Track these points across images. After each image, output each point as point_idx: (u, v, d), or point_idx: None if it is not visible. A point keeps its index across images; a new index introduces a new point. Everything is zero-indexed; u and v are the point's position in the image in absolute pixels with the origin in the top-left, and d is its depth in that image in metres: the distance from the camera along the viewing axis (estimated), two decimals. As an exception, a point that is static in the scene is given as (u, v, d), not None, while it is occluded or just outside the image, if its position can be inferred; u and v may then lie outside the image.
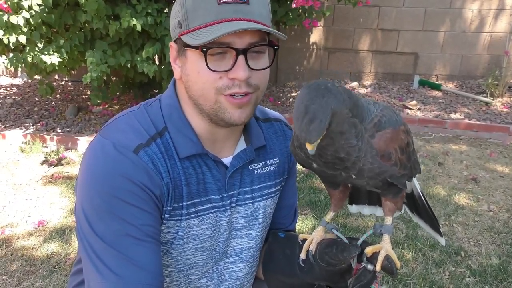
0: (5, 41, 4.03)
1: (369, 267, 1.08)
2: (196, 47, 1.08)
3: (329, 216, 1.24)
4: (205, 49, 1.07)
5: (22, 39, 4.06)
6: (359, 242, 1.15)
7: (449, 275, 2.75)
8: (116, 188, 1.09)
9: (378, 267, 1.06)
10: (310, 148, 0.92)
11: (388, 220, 1.13)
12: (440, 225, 3.25)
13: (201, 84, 1.11)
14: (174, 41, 1.18)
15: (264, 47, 1.13)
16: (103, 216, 1.09)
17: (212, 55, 1.08)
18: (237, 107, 1.12)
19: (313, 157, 1.02)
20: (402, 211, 1.32)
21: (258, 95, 1.17)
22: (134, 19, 4.04)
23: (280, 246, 1.37)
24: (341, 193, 1.22)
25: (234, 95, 1.11)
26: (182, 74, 1.17)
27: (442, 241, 1.39)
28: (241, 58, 1.08)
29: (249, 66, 1.09)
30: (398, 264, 1.08)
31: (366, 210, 1.37)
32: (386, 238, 1.10)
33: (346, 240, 1.17)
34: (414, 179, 1.24)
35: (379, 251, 1.08)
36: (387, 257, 1.06)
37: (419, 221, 1.36)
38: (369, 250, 1.10)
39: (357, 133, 0.98)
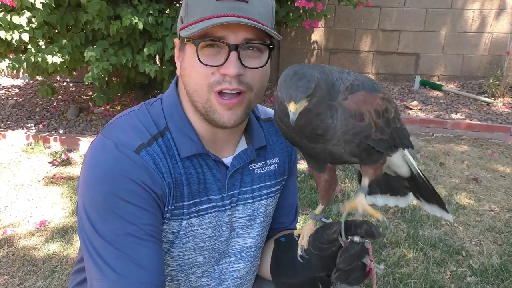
0: (9, 38, 4.05)
1: (355, 239, 1.07)
2: (189, 40, 1.09)
3: (318, 209, 1.23)
4: (196, 42, 1.08)
5: (25, 37, 4.09)
6: (342, 219, 1.13)
7: (450, 275, 2.75)
8: (118, 187, 1.09)
9: (360, 212, 1.07)
10: (293, 109, 0.91)
11: (366, 181, 1.13)
12: (437, 221, 3.25)
13: (195, 79, 1.12)
14: (179, 37, 1.19)
15: (263, 47, 1.13)
16: (105, 215, 1.10)
17: (207, 50, 1.09)
18: (226, 109, 1.12)
19: (293, 130, 1.02)
20: (403, 205, 1.31)
21: (251, 97, 1.15)
22: (135, 17, 4.06)
23: (283, 250, 1.38)
24: (327, 182, 1.20)
25: (224, 94, 1.10)
26: (181, 69, 1.18)
27: (450, 217, 1.36)
28: (233, 54, 1.08)
29: (242, 64, 1.09)
30: (379, 215, 1.07)
31: (379, 200, 1.35)
32: (361, 195, 1.10)
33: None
34: (408, 154, 1.23)
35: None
36: (367, 222, 1.06)
37: (426, 205, 1.33)
38: (346, 208, 1.09)
39: (332, 114, 1.00)
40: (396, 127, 1.12)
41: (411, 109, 5.70)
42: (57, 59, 4.15)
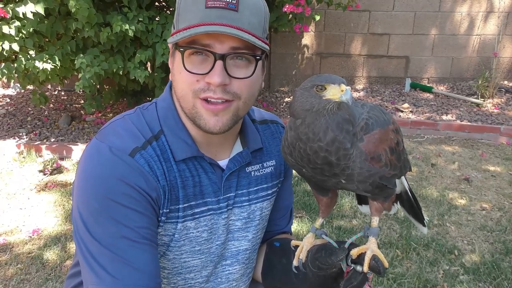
0: None
1: (358, 268, 1.10)
2: (177, 48, 1.10)
3: (318, 222, 1.25)
4: (182, 49, 1.08)
5: (16, 47, 4.08)
6: (346, 245, 1.16)
7: (443, 274, 2.77)
8: (113, 191, 1.10)
9: (365, 268, 1.07)
10: (344, 89, 0.96)
11: (375, 221, 1.15)
12: (430, 221, 3.27)
13: (181, 85, 1.13)
14: None
15: (251, 57, 1.11)
16: (100, 218, 1.10)
17: (193, 57, 1.09)
18: (212, 114, 1.12)
19: (302, 160, 1.03)
20: (392, 212, 1.34)
21: (240, 105, 1.14)
22: (126, 24, 4.07)
23: (277, 255, 1.39)
24: (329, 199, 1.23)
25: (209, 100, 1.10)
26: (171, 74, 1.20)
27: (425, 230, 1.41)
28: (218, 63, 1.07)
29: (228, 73, 1.09)
30: (386, 263, 1.09)
31: (365, 208, 1.38)
32: (372, 239, 1.12)
33: (335, 244, 1.18)
34: (402, 177, 1.25)
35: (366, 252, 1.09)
36: (374, 257, 1.07)
37: (409, 216, 1.38)
38: (354, 252, 1.11)
39: (353, 142, 1.01)
40: (404, 157, 1.13)
41: (402, 111, 5.75)
42: (47, 66, 4.14)
